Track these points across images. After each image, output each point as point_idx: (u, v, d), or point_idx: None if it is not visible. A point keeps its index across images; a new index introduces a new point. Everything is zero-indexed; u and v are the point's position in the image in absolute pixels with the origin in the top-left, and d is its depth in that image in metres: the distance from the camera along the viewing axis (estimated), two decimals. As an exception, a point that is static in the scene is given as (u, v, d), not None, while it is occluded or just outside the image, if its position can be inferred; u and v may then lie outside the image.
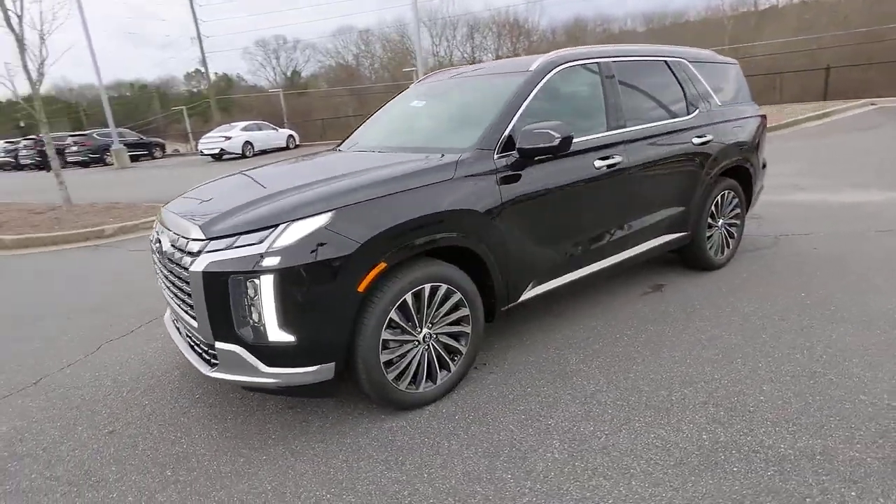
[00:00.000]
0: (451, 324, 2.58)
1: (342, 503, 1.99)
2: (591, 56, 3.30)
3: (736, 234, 4.24)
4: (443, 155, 2.70)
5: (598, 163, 3.08)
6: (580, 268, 3.16)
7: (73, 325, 3.98)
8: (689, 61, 3.94)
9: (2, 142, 26.56)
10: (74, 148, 23.52)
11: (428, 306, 2.46)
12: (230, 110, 39.66)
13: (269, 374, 2.20)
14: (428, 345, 2.52)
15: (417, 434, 2.36)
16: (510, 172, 2.71)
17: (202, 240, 2.25)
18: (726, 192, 4.04)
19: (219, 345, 2.24)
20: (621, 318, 3.39)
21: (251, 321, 2.16)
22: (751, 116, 4.29)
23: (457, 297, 2.55)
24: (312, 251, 2.13)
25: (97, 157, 23.54)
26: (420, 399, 2.53)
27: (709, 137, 3.79)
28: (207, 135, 22.34)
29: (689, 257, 4.04)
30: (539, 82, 2.99)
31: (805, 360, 2.70)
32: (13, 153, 24.66)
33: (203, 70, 41.38)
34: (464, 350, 2.65)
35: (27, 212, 9.11)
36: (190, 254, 2.29)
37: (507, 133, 2.76)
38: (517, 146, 2.70)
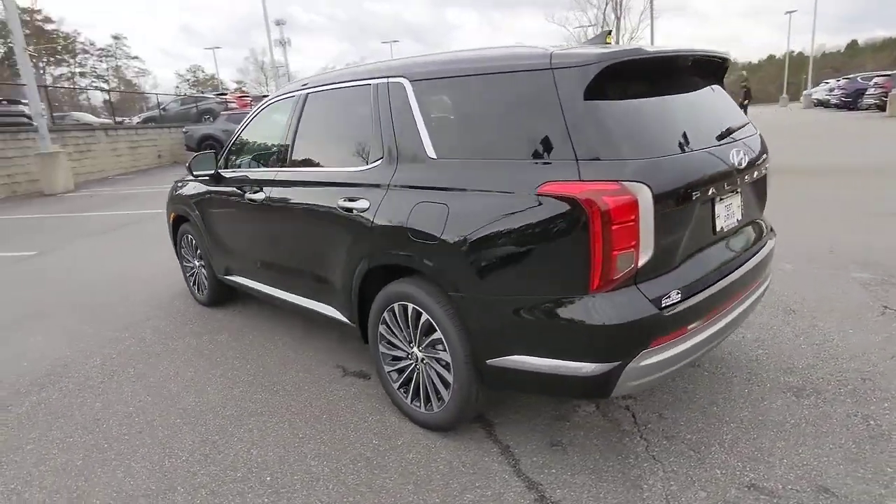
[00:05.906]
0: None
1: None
2: (295, 89, 3.16)
3: (453, 385, 2.26)
4: None
5: (248, 195, 3.32)
6: (266, 284, 3.46)
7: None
8: (414, 81, 2.38)
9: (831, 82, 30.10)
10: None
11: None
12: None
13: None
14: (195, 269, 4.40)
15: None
16: (213, 181, 3.77)
17: None
18: (407, 305, 2.34)
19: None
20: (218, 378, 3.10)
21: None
22: (506, 193, 1.98)
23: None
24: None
25: (850, 101, 24.63)
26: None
27: (362, 204, 2.45)
28: None
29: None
30: (253, 114, 3.55)
31: None
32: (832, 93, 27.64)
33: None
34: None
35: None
36: None
37: (224, 151, 3.75)
38: None
